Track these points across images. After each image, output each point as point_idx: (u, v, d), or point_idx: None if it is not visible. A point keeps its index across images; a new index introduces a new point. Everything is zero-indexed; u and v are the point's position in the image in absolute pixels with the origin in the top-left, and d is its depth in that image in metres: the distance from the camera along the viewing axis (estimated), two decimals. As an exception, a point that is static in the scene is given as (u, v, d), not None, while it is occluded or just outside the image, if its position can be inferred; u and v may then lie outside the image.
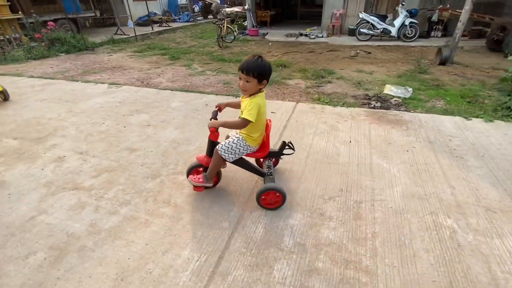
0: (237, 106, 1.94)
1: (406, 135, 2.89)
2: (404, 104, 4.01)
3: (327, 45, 8.66)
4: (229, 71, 5.98)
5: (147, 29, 11.88)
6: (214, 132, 1.78)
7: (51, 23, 8.40)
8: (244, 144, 1.86)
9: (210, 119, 1.83)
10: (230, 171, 2.34)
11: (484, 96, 4.16)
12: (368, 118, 3.32)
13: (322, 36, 9.85)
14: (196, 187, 1.99)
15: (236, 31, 9.78)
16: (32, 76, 5.57)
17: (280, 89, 4.75)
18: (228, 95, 4.39)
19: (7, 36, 7.46)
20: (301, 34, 10.29)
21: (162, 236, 1.76)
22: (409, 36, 8.40)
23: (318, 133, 2.96)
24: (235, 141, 1.86)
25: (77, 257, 1.63)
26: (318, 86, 4.93)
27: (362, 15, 8.69)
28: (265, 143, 1.94)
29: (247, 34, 10.77)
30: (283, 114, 3.49)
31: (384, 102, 4.18)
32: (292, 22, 13.84)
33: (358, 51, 7.60)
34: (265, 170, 2.07)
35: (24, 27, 8.72)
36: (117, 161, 2.60)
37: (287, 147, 2.02)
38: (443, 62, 6.08)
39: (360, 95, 4.41)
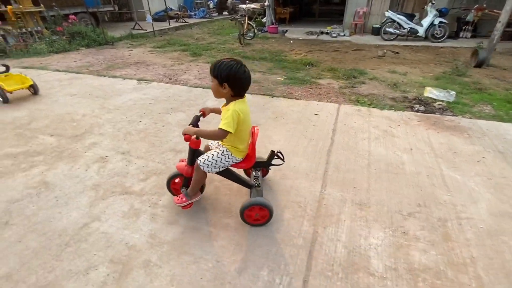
0: (219, 112, 1.77)
1: (471, 144, 2.67)
2: (449, 109, 3.78)
3: (351, 44, 8.40)
4: (255, 69, 5.78)
5: (164, 25, 11.74)
6: (189, 139, 1.61)
7: (73, 16, 8.31)
8: (230, 157, 1.71)
9: (189, 124, 1.67)
10: (287, 178, 2.16)
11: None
12: (422, 123, 3.11)
13: (344, 35, 9.57)
14: (184, 206, 1.83)
15: (255, 28, 9.58)
16: (57, 70, 5.47)
17: (313, 89, 4.55)
18: (261, 94, 4.21)
19: (29, 29, 7.39)
20: (322, 32, 10.03)
21: (233, 252, 1.59)
22: (438, 36, 8.08)
23: (373, 139, 2.76)
24: (219, 154, 1.70)
25: (144, 274, 1.47)
26: (352, 86, 4.72)
27: (389, 13, 8.39)
28: (250, 153, 1.76)
29: (266, 31, 10.55)
30: (328, 116, 3.30)
31: (427, 106, 3.95)
32: (310, 20, 13.55)
33: (385, 51, 7.33)
34: (252, 181, 1.90)
35: (45, 20, 8.65)
36: (163, 163, 2.44)
37: (276, 157, 1.84)
38: (479, 65, 5.79)
39: (399, 98, 4.18)
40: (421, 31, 8.13)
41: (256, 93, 4.27)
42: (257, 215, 1.73)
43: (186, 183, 1.83)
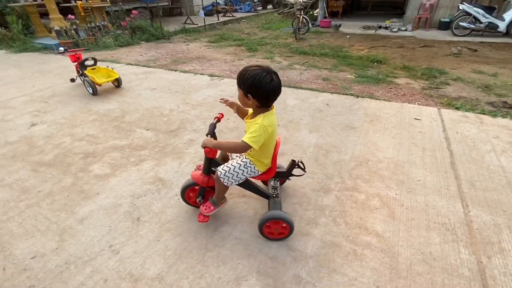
0: (243, 115, 1.63)
1: None
2: None
3: (416, 39, 7.74)
4: (319, 66, 5.53)
5: (213, 19, 11.82)
6: (209, 152, 1.51)
7: (135, 11, 8.63)
8: (252, 170, 1.59)
9: (207, 134, 1.57)
10: (416, 193, 1.95)
11: None
12: (551, 135, 2.69)
13: (406, 30, 8.87)
14: (203, 217, 1.74)
15: (309, 22, 9.23)
16: (129, 64, 5.69)
17: (393, 89, 4.21)
18: (337, 92, 3.97)
19: (97, 24, 7.81)
20: (380, 27, 9.41)
21: (390, 278, 1.44)
22: (523, 31, 7.14)
23: (500, 152, 2.43)
24: (241, 167, 1.57)
25: (300, 292, 1.39)
26: (436, 88, 4.29)
27: (463, 6, 7.57)
28: (272, 165, 1.64)
29: (318, 26, 10.16)
30: (431, 122, 2.99)
31: (538, 114, 3.45)
32: (363, 14, 12.83)
33: (459, 48, 6.63)
34: (270, 191, 1.78)
35: (108, 15, 9.11)
36: (279, 167, 2.36)
37: (296, 167, 1.69)
38: None
39: (496, 102, 3.70)
40: (502, 26, 7.24)
41: (332, 91, 4.05)
42: (276, 229, 1.63)
43: (202, 193, 1.74)
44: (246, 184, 1.69)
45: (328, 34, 8.97)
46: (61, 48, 4.29)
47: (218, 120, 1.72)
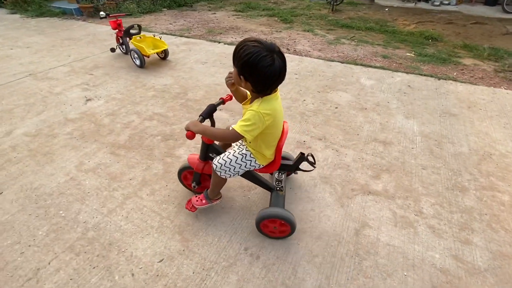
0: (242, 98, 1.35)
1: None
2: None
3: (464, 15, 7.14)
4: (369, 41, 5.07)
5: (234, -15, 10.92)
6: (191, 137, 1.24)
7: (157, -26, 7.85)
8: (252, 164, 1.38)
9: (200, 115, 1.33)
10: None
11: None
12: None
13: (449, 3, 8.19)
14: (191, 206, 1.60)
15: (343, -7, 8.50)
16: (164, 33, 5.21)
17: (465, 71, 3.84)
18: (406, 72, 3.61)
19: (118, -13, 7.12)
20: (419, 0, 8.69)
21: None
22: None
23: None
24: (239, 159, 1.36)
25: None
26: (511, 70, 3.93)
27: (521, -22, 6.89)
28: (276, 158, 1.42)
29: (350, -4, 9.39)
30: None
31: None
32: (394, -16, 11.84)
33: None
34: (273, 183, 1.61)
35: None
36: (382, 157, 2.09)
37: (306, 160, 1.49)
38: None
39: None
40: (562, 2, 6.63)
41: (403, 71, 3.68)
42: (275, 228, 1.47)
43: (196, 179, 1.60)
44: (247, 175, 1.52)
45: (364, 6, 8.29)
46: (102, 13, 3.83)
47: (223, 102, 1.45)
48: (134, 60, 3.73)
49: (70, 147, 2.21)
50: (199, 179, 1.60)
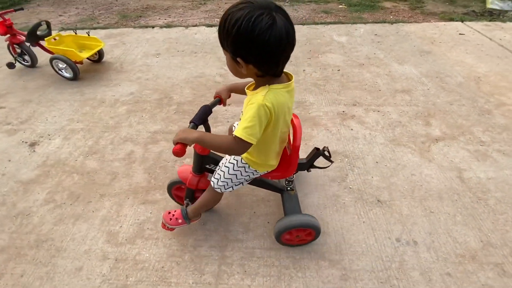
0: (244, 91, 1.08)
1: None
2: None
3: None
4: (299, 0, 5.11)
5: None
6: (181, 153, 0.91)
7: None
8: (246, 170, 1.13)
9: (190, 122, 1.01)
10: None
11: None
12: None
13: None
14: (166, 227, 1.32)
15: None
16: (62, 28, 3.88)
17: (394, 13, 4.34)
18: (351, 22, 3.83)
19: None
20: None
21: None
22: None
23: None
24: (234, 168, 1.13)
25: None
26: (419, 7, 4.67)
27: None
28: (291, 158, 1.20)
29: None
30: (475, 34, 3.29)
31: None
32: None
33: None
34: (283, 184, 1.42)
35: None
36: (416, 104, 2.19)
37: (322, 156, 1.25)
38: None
39: (470, 12, 4.35)
40: None
41: (351, 22, 3.85)
42: (298, 236, 1.28)
43: (190, 196, 1.32)
44: (254, 181, 1.26)
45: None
46: None
47: (220, 101, 1.16)
48: (60, 72, 2.68)
49: (71, 219, 1.47)
50: (192, 195, 1.32)
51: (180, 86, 2.54)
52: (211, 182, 1.18)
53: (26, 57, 2.89)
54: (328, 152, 1.22)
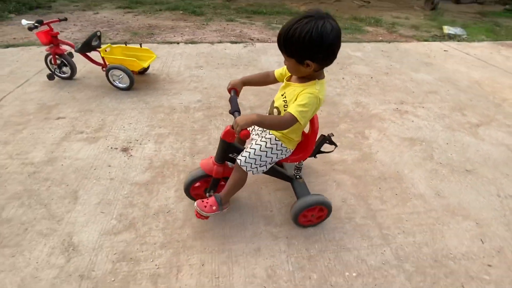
0: (261, 81, 1.36)
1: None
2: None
3: None
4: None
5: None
6: (247, 135, 1.06)
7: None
8: (279, 148, 1.27)
9: (233, 112, 1.15)
10: None
11: None
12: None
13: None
14: (200, 215, 1.34)
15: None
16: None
17: (382, 35, 5.14)
18: (364, 42, 4.47)
19: None
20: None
21: None
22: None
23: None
24: (266, 145, 1.25)
25: None
26: (393, 30, 5.60)
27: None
28: (308, 141, 1.35)
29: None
30: (450, 50, 4.11)
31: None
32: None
33: (358, 2, 8.46)
34: (292, 172, 1.52)
35: None
36: (448, 101, 2.69)
37: (327, 142, 1.41)
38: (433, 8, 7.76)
39: (435, 33, 5.39)
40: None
41: (354, 40, 4.48)
42: (313, 215, 1.41)
43: (214, 186, 1.40)
44: (269, 169, 1.36)
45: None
46: (27, 22, 2.36)
47: (237, 92, 1.30)
48: (115, 83, 2.62)
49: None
50: (217, 186, 1.41)
51: (242, 94, 2.68)
52: (238, 160, 1.25)
53: (65, 69, 2.76)
54: (331, 137, 1.40)
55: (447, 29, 5.71)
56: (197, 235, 1.39)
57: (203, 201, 1.33)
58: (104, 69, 2.73)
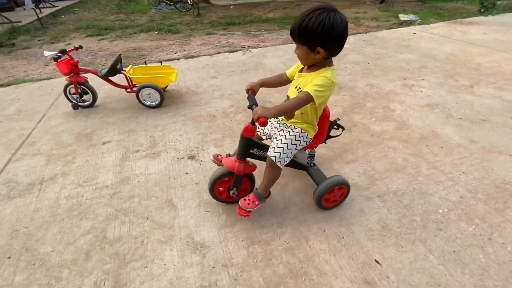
0: (277, 82, 1.49)
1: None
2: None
3: (278, 3, 9.66)
4: (269, 29, 6.05)
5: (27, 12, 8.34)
6: (265, 121, 1.13)
7: None
8: (305, 139, 1.39)
9: (251, 106, 1.27)
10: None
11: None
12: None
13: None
14: (244, 211, 1.43)
15: None
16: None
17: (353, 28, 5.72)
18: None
19: None
20: (241, -3, 10.57)
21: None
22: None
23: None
24: (293, 140, 1.35)
25: None
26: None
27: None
28: (323, 127, 1.46)
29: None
30: (418, 32, 4.73)
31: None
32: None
33: (319, 3, 9.16)
34: (306, 160, 1.62)
35: None
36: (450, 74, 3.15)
37: (335, 126, 1.55)
38: (382, 1, 8.73)
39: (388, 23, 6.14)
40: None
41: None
42: (335, 196, 1.50)
43: (237, 184, 1.45)
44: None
45: (212, 8, 9.09)
46: (50, 53, 2.31)
47: (254, 92, 1.41)
48: (145, 102, 2.64)
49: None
50: (239, 182, 1.44)
51: (268, 93, 2.87)
52: (272, 157, 1.33)
53: (85, 97, 2.71)
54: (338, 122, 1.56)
55: (402, 17, 6.48)
56: (303, 212, 1.54)
57: (245, 199, 1.43)
58: (128, 90, 2.75)
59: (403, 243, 1.35)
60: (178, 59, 4.03)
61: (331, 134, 1.58)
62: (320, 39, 1.10)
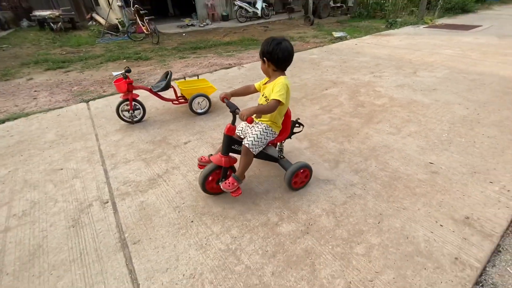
0: (244, 92, 1.87)
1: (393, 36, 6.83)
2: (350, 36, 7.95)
3: (225, 29, 10.71)
4: (230, 50, 6.86)
5: None
6: (252, 119, 1.51)
7: None
8: (271, 132, 1.77)
9: (233, 110, 1.60)
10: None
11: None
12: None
13: (208, 24, 11.51)
14: (235, 192, 1.77)
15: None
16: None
17: (309, 43, 7.02)
18: (300, 50, 6.12)
19: None
20: (188, 25, 11.24)
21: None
22: (267, 14, 12.38)
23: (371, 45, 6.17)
24: (262, 132, 1.74)
25: None
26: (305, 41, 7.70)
27: (237, 2, 11.44)
28: (286, 125, 1.85)
29: (135, 32, 10.01)
30: (358, 44, 6.21)
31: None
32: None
33: (264, 27, 10.56)
34: (277, 155, 1.94)
35: None
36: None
37: (296, 125, 1.94)
38: (312, 23, 10.66)
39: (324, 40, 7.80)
40: (259, 12, 12.02)
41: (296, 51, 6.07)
42: (300, 178, 1.87)
43: (225, 174, 1.78)
44: (261, 154, 1.82)
45: (164, 36, 9.46)
46: (116, 73, 2.54)
47: (228, 100, 1.72)
48: (197, 110, 3.06)
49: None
50: (226, 174, 1.79)
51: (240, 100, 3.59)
52: (246, 144, 1.71)
53: (136, 112, 2.93)
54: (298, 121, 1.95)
55: (336, 34, 8.19)
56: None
57: (226, 183, 1.76)
58: (175, 102, 3.09)
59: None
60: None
61: (294, 130, 1.96)
62: (274, 57, 1.58)
